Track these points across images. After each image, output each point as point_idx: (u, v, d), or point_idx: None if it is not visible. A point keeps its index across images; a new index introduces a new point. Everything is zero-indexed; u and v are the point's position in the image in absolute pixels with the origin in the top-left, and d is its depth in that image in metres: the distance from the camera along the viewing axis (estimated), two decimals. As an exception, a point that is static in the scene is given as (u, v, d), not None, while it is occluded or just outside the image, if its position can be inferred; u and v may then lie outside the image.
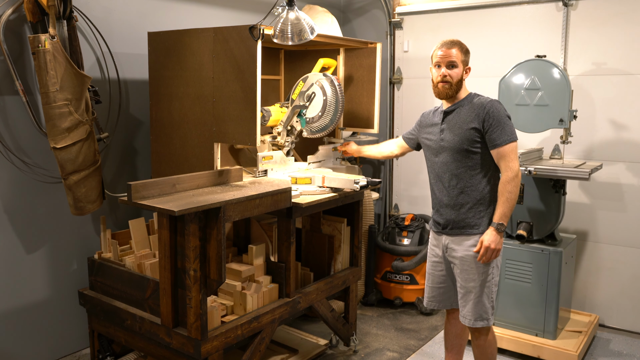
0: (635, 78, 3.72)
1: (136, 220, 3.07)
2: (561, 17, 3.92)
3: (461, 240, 2.67)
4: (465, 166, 2.62)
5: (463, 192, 2.64)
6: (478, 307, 2.66)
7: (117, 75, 3.30)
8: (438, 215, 2.77)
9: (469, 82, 2.76)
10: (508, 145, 2.55)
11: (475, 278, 2.65)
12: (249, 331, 2.80)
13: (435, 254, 2.83)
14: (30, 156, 2.97)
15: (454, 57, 2.62)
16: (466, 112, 2.63)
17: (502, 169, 2.57)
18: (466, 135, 2.59)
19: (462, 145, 2.60)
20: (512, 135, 2.57)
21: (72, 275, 3.22)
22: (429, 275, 2.88)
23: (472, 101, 2.65)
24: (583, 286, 4.03)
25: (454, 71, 2.63)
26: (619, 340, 3.77)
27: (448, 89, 2.64)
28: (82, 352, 3.30)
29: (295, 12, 2.86)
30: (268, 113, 3.29)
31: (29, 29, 2.87)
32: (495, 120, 2.55)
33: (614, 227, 3.88)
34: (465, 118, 2.62)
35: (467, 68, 2.69)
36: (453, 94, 2.65)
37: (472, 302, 2.66)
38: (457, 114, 2.66)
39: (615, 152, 3.82)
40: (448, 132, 2.66)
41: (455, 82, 2.63)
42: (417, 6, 4.55)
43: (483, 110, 2.57)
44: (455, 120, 2.65)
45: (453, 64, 2.62)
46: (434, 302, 2.89)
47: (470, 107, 2.63)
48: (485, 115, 2.56)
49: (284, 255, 3.01)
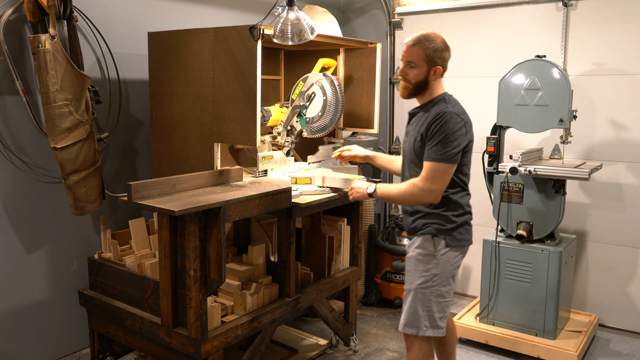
0: (635, 78, 3.72)
1: (136, 220, 3.07)
2: (561, 17, 3.91)
3: (411, 242, 2.53)
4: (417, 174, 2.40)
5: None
6: (409, 312, 2.47)
7: (117, 75, 3.30)
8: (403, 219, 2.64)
9: (469, 82, 2.74)
10: (435, 163, 2.30)
11: (412, 281, 2.48)
12: (249, 331, 2.80)
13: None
14: (30, 156, 2.97)
15: (412, 56, 2.37)
16: (424, 119, 2.39)
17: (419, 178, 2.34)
18: (415, 144, 2.40)
19: (412, 155, 2.42)
20: (450, 156, 2.29)
21: (72, 275, 3.22)
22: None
23: (431, 107, 2.40)
24: (583, 286, 4.03)
25: (412, 72, 2.39)
26: (619, 340, 3.77)
27: (404, 89, 2.44)
28: (82, 352, 3.30)
29: (295, 12, 2.86)
30: (268, 113, 3.29)
31: (29, 29, 2.87)
32: (438, 133, 2.29)
33: (614, 227, 3.88)
34: (420, 126, 2.39)
35: (435, 69, 2.38)
36: (410, 95, 2.44)
37: (406, 305, 2.49)
38: (417, 119, 2.44)
39: (615, 152, 3.82)
40: (407, 137, 2.50)
41: (414, 84, 2.40)
42: (417, 6, 4.55)
43: (433, 118, 2.32)
44: (413, 125, 2.45)
45: (411, 63, 2.38)
46: None
47: (428, 113, 2.38)
48: (432, 126, 2.31)
49: (284, 255, 3.01)
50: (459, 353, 3.55)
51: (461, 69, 4.36)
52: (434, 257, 2.44)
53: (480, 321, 3.65)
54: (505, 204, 3.55)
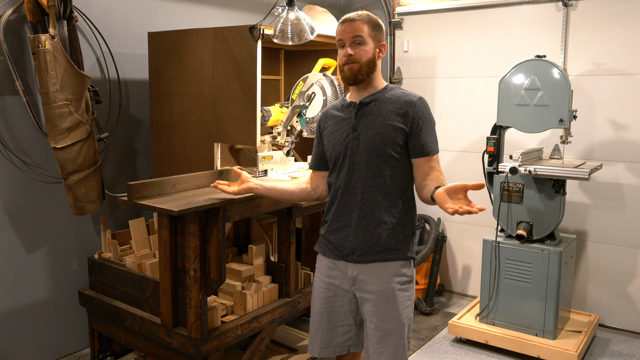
0: (635, 78, 3.72)
1: (136, 220, 3.07)
2: (561, 17, 3.91)
3: (376, 269, 2.07)
4: (383, 175, 2.05)
5: (380, 208, 2.06)
6: (399, 352, 2.09)
7: (117, 75, 3.30)
8: (339, 237, 2.12)
9: (469, 82, 2.74)
10: (437, 155, 2.08)
11: (397, 316, 2.06)
12: (249, 331, 2.80)
13: (334, 286, 2.16)
14: (30, 156, 2.97)
15: (359, 30, 2.04)
16: (389, 107, 2.06)
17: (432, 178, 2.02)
18: (390, 135, 2.03)
19: (385, 147, 2.03)
20: (437, 144, 2.10)
21: (72, 275, 3.22)
22: (320, 315, 2.19)
23: (395, 93, 2.10)
24: (583, 286, 4.03)
25: (362, 48, 2.04)
26: (619, 340, 3.77)
27: (357, 72, 2.05)
28: (82, 352, 3.30)
29: (295, 12, 2.86)
30: (268, 113, 3.29)
31: (29, 29, 2.87)
32: (426, 122, 2.04)
33: (614, 227, 3.88)
34: (387, 114, 2.05)
35: (380, 45, 2.10)
36: (364, 76, 2.06)
37: (392, 348, 2.07)
38: (376, 107, 2.07)
39: (615, 152, 3.82)
40: (364, 130, 2.06)
41: (366, 62, 2.05)
42: (417, 6, 4.55)
43: (412, 107, 2.04)
44: (374, 115, 2.07)
45: (359, 40, 2.04)
46: (330, 348, 2.20)
47: (394, 101, 2.07)
48: (415, 115, 2.03)
49: (284, 255, 3.01)
50: (460, 353, 3.55)
51: (461, 69, 4.36)
52: (412, 281, 2.13)
53: (480, 321, 3.65)
54: (505, 204, 3.55)
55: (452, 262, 4.63)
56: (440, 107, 4.50)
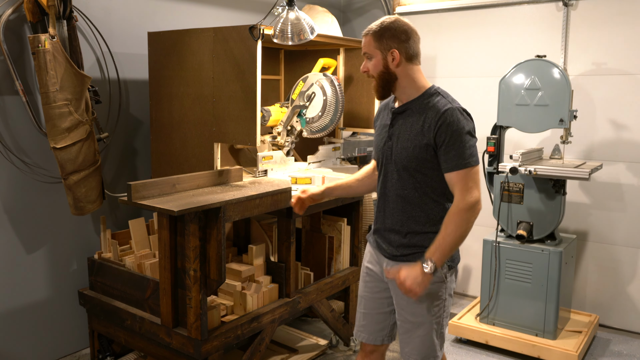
0: (635, 78, 3.72)
1: (136, 220, 3.07)
2: (561, 17, 3.91)
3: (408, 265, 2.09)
4: (412, 187, 2.08)
5: (410, 218, 2.10)
6: (426, 345, 2.14)
7: (117, 75, 3.30)
8: (376, 235, 2.23)
9: (469, 82, 2.72)
10: (464, 170, 1.97)
11: (425, 313, 2.12)
12: (249, 331, 2.80)
13: (372, 272, 2.28)
14: (30, 156, 2.97)
15: (365, 46, 2.09)
16: (416, 118, 2.04)
17: (456, 196, 2.00)
18: (414, 152, 2.03)
19: (410, 162, 2.04)
20: (472, 157, 1.99)
21: (72, 275, 3.22)
22: (361, 298, 2.32)
23: (428, 102, 2.05)
24: (583, 286, 4.03)
25: (371, 63, 2.09)
26: (619, 340, 3.77)
27: (375, 87, 2.12)
28: (82, 352, 3.30)
29: (295, 12, 2.86)
30: (268, 113, 3.29)
31: (29, 29, 2.87)
32: (451, 135, 1.96)
33: (614, 227, 3.88)
34: (414, 127, 2.04)
35: (390, 53, 2.04)
36: (382, 91, 2.11)
37: (418, 340, 2.14)
38: (406, 118, 2.08)
39: (615, 152, 3.82)
40: (396, 141, 2.09)
41: (379, 75, 2.07)
42: (417, 6, 4.55)
43: (437, 119, 1.98)
44: (404, 128, 2.07)
45: (367, 55, 2.10)
46: (364, 334, 2.32)
47: (423, 111, 2.03)
48: (440, 128, 1.97)
49: (284, 255, 3.01)
50: (460, 353, 3.55)
51: (461, 69, 4.36)
52: (444, 282, 2.14)
53: (480, 321, 3.65)
54: (505, 204, 3.55)
55: (452, 262, 4.63)
56: (441, 107, 4.50)
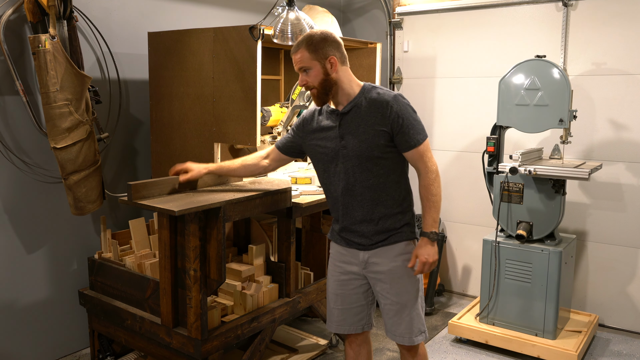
0: (635, 78, 3.72)
1: (136, 220, 3.07)
2: (561, 17, 3.92)
3: (384, 252, 2.32)
4: (377, 174, 2.25)
5: (379, 204, 2.28)
6: (416, 320, 2.35)
7: (117, 75, 3.30)
8: (348, 233, 2.36)
9: (469, 82, 2.73)
10: (423, 144, 2.22)
11: (409, 290, 2.33)
12: (249, 331, 2.80)
13: (347, 271, 2.41)
14: (30, 156, 2.97)
15: (300, 62, 2.22)
16: (366, 111, 2.22)
17: (421, 170, 2.25)
18: (374, 141, 2.20)
19: (372, 152, 2.22)
20: (423, 131, 2.23)
21: (72, 275, 3.22)
22: (337, 296, 2.45)
23: (371, 97, 2.23)
24: (583, 286, 4.03)
25: (310, 75, 2.22)
26: (619, 340, 3.77)
27: (317, 95, 2.24)
28: (82, 352, 3.30)
29: (295, 12, 2.87)
30: (268, 113, 3.29)
31: (29, 29, 2.87)
32: (405, 119, 2.18)
33: (613, 227, 3.88)
34: (367, 119, 2.22)
35: (327, 61, 2.19)
36: (322, 97, 2.25)
37: (408, 317, 2.33)
38: (355, 114, 2.24)
39: (615, 152, 3.82)
40: (350, 138, 2.24)
41: (320, 84, 2.21)
42: (417, 6, 4.55)
43: (388, 109, 2.18)
44: (356, 123, 2.23)
45: (304, 68, 2.23)
46: (345, 326, 2.47)
47: (371, 105, 2.22)
48: (394, 116, 2.18)
49: (284, 255, 3.01)
50: (460, 353, 3.55)
51: (461, 69, 4.36)
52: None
53: (480, 321, 3.65)
54: (505, 204, 3.55)
55: (452, 262, 4.63)
56: (440, 107, 4.50)
